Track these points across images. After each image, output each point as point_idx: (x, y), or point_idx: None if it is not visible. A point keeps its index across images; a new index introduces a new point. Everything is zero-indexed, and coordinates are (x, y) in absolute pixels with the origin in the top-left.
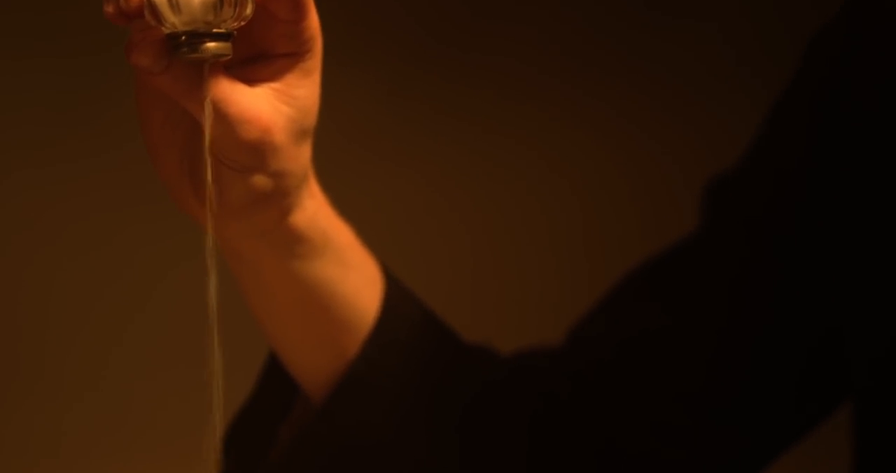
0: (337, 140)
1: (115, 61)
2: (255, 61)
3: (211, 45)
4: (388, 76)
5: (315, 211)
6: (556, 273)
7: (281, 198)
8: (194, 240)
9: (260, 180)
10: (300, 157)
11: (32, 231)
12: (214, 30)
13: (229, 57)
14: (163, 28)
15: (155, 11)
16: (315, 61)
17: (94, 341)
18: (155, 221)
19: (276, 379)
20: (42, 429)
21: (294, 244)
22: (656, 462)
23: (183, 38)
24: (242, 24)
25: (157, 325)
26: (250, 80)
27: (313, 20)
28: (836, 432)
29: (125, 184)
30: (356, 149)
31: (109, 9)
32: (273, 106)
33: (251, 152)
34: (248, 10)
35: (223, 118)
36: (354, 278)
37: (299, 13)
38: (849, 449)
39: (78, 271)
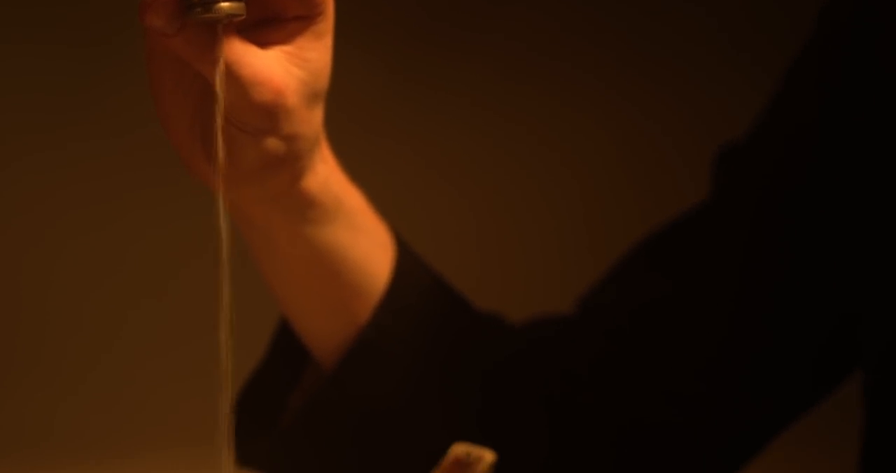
0: (337, 118)
1: (116, 51)
2: (267, 24)
3: (224, 4)
4: (389, 55)
5: (327, 175)
6: (558, 247)
7: (293, 161)
8: (205, 207)
9: (272, 143)
10: (312, 121)
11: (36, 213)
12: None
13: (243, 17)
14: None
15: None
16: (327, 24)
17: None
18: (168, 192)
19: (286, 347)
20: (60, 395)
21: (306, 208)
22: (671, 430)
23: None
24: None
25: (168, 295)
26: (262, 43)
27: None
28: (845, 410)
29: (132, 167)
30: (356, 128)
31: None
32: (285, 68)
33: (263, 115)
34: None
35: (236, 80)
36: (366, 243)
37: None
38: (857, 427)
39: (92, 242)
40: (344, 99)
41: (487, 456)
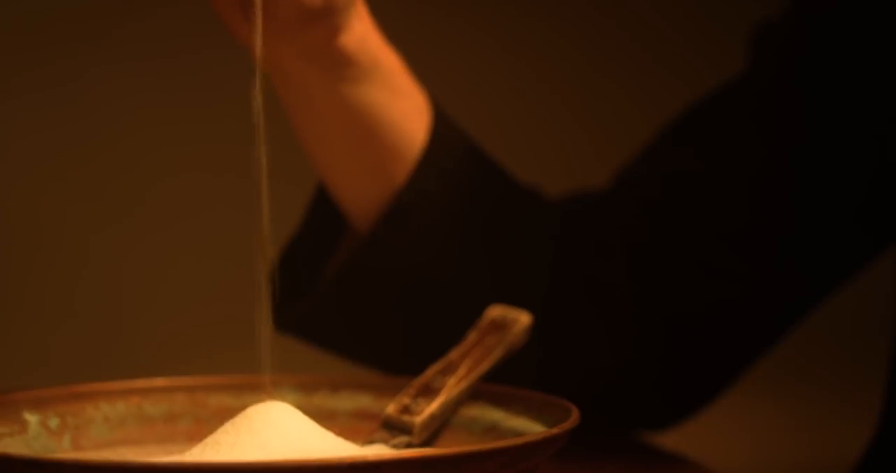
0: None
1: None
2: None
3: None
4: None
5: (364, 34)
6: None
7: (328, 16)
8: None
9: None
10: None
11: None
12: None
13: None
14: None
15: None
16: None
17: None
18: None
19: (323, 215)
20: (109, 267)
21: (342, 67)
22: (710, 300)
23: None
24: None
25: (208, 167)
26: None
27: None
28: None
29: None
30: None
31: None
32: None
33: None
34: None
35: None
36: (403, 104)
37: None
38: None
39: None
40: None
41: (523, 319)
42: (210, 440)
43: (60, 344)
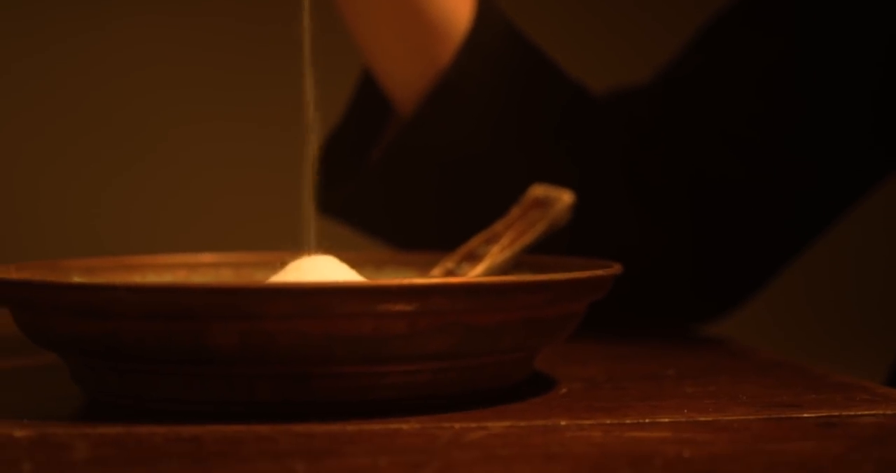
0: None
1: None
2: None
3: None
4: None
5: None
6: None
7: None
8: None
9: None
10: None
11: None
12: None
13: None
14: None
15: None
16: None
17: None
18: None
19: (368, 100)
20: (160, 144)
21: None
22: (736, 186)
23: None
24: None
25: (253, 51)
26: None
27: None
28: None
29: None
30: None
31: None
32: None
33: None
34: None
35: None
36: None
37: None
38: None
39: None
40: None
41: (566, 197)
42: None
43: (110, 221)
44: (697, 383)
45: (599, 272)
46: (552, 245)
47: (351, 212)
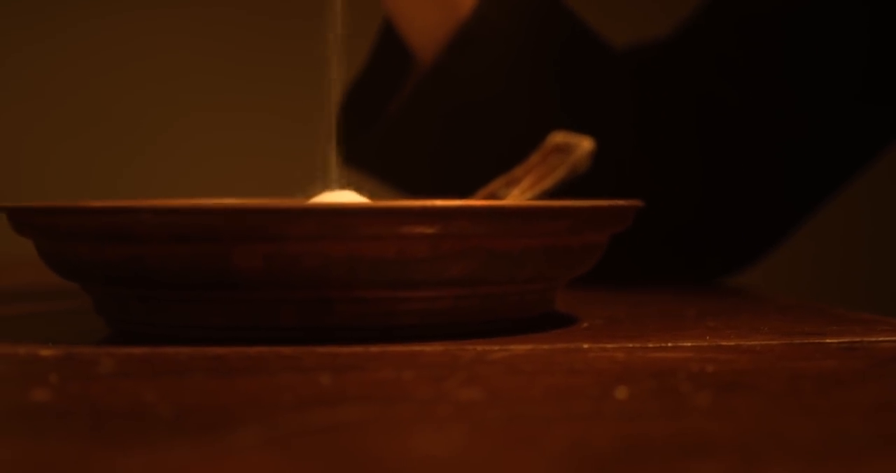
0: None
1: None
2: None
3: None
4: None
5: None
6: None
7: None
8: None
9: None
10: None
11: None
12: None
13: None
14: None
15: None
16: None
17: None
18: None
19: (389, 51)
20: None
21: None
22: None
23: None
24: None
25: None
26: None
27: None
28: None
29: None
30: None
31: None
32: None
33: None
34: None
35: None
36: None
37: None
38: None
39: None
40: None
41: (586, 144)
42: None
43: (136, 172)
44: (719, 319)
45: (621, 202)
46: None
47: (372, 161)
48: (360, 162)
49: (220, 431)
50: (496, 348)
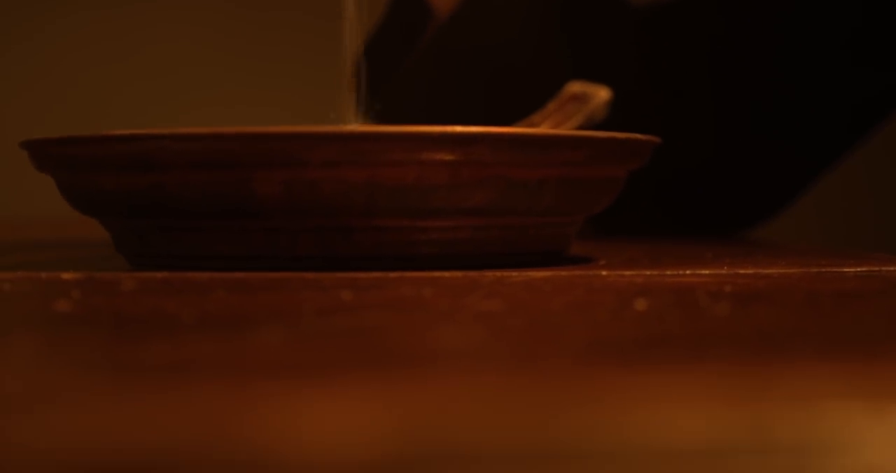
0: None
1: None
2: None
3: None
4: None
5: None
6: None
7: None
8: None
9: None
10: None
11: None
12: None
13: None
14: None
15: None
16: None
17: None
18: None
19: (405, 6)
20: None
21: None
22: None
23: None
24: None
25: None
26: None
27: None
28: None
29: None
30: None
31: None
32: None
33: None
34: None
35: None
36: None
37: None
38: None
39: None
40: None
41: (603, 93)
42: None
43: (148, 98)
44: (735, 259)
45: (639, 136)
46: None
47: (388, 115)
48: (377, 116)
49: (243, 331)
50: (515, 273)
